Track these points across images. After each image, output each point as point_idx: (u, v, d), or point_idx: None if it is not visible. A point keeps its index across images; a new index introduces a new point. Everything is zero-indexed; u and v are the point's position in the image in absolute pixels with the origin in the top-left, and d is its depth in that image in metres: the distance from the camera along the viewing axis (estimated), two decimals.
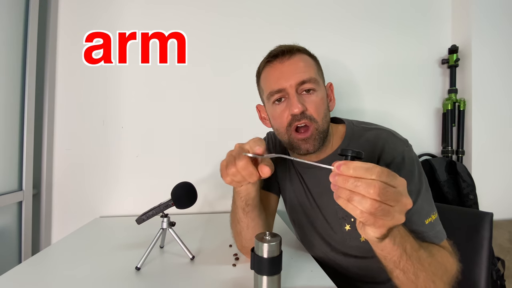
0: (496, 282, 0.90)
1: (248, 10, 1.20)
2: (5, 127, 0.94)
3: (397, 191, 0.34)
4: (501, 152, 1.23)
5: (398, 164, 0.56)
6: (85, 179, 1.13)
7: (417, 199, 0.54)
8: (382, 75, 1.27)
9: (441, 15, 1.30)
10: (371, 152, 0.59)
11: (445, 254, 0.51)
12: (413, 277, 0.45)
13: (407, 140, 0.61)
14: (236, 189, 0.56)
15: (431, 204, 0.56)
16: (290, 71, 0.58)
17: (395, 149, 0.58)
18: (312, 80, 0.58)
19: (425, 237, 0.53)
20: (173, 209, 0.67)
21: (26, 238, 0.99)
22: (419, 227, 0.53)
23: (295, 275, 0.61)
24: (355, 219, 0.58)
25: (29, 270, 0.65)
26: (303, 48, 0.63)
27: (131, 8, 1.15)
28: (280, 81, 0.58)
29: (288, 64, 0.59)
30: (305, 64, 0.59)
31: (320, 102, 0.59)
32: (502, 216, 1.19)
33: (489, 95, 1.22)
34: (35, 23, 1.02)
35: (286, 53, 0.59)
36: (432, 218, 0.54)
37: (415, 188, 0.55)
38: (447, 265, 0.50)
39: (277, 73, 0.59)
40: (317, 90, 0.59)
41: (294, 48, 0.61)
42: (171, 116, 1.17)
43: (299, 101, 0.56)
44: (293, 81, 0.57)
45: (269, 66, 0.62)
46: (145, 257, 0.64)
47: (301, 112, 0.57)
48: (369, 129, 0.64)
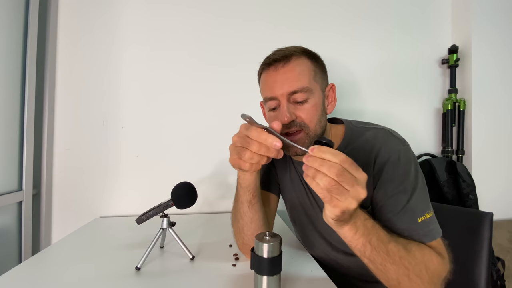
0: (496, 282, 0.90)
1: (248, 10, 1.20)
2: (5, 127, 0.94)
3: (354, 178, 0.40)
4: (501, 152, 1.23)
5: (393, 162, 0.57)
6: (85, 179, 1.13)
7: (411, 197, 0.55)
8: (382, 75, 1.27)
9: (441, 15, 1.30)
10: (369, 152, 0.59)
11: (428, 252, 0.52)
12: (381, 267, 0.49)
13: (405, 139, 0.61)
14: (243, 184, 0.59)
15: (427, 203, 0.57)
16: (283, 80, 0.58)
17: (392, 148, 0.58)
18: (304, 90, 0.58)
19: (414, 235, 0.54)
20: (173, 209, 0.67)
21: (26, 238, 0.99)
22: (410, 224, 0.54)
23: (295, 275, 0.61)
24: None
25: (29, 270, 0.65)
26: (303, 50, 0.62)
27: (131, 8, 1.15)
28: (273, 89, 0.59)
29: (282, 72, 0.59)
30: (300, 71, 0.59)
31: (312, 109, 0.59)
32: (502, 216, 1.19)
33: (489, 95, 1.22)
34: (35, 23, 1.02)
35: (281, 60, 0.59)
36: (426, 217, 0.55)
37: (410, 186, 0.56)
38: (428, 263, 0.50)
39: (271, 80, 0.60)
40: (310, 97, 0.59)
41: (291, 53, 0.60)
42: (171, 116, 1.17)
43: (288, 111, 0.57)
44: (285, 90, 0.58)
45: (265, 73, 0.62)
46: (145, 257, 0.64)
47: (291, 121, 0.58)
48: (368, 129, 0.64)
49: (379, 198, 0.58)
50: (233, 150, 0.52)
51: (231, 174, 1.19)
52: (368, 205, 0.60)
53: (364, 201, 0.58)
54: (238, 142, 0.50)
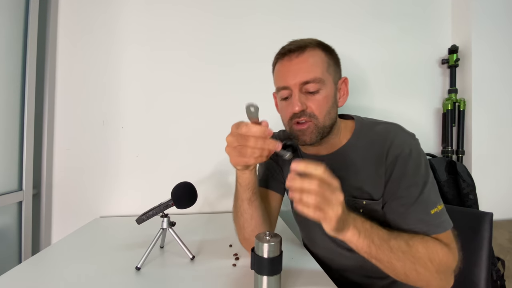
0: (496, 282, 0.90)
1: (249, 10, 1.20)
2: (5, 127, 0.94)
3: (331, 186, 0.43)
4: (501, 152, 1.23)
5: (405, 155, 0.58)
6: (85, 179, 1.13)
7: (423, 189, 0.56)
8: (382, 75, 1.27)
9: (441, 15, 1.30)
10: (382, 144, 0.61)
11: (433, 245, 0.53)
12: (388, 265, 0.50)
13: (414, 134, 0.63)
14: (242, 183, 0.60)
15: (437, 195, 0.58)
16: (296, 70, 0.59)
17: (404, 142, 0.60)
18: (316, 80, 0.59)
19: (427, 226, 0.55)
20: (173, 209, 0.67)
21: (26, 238, 0.99)
22: (424, 216, 0.55)
23: (295, 275, 0.61)
24: (362, 210, 0.62)
25: (29, 270, 0.65)
26: (318, 42, 0.63)
27: (131, 9, 1.15)
28: (286, 78, 0.61)
29: (296, 63, 0.60)
30: (313, 62, 0.60)
31: (323, 101, 0.60)
32: (502, 216, 1.19)
33: (489, 95, 1.22)
34: (35, 23, 1.02)
35: (295, 50, 0.60)
36: (438, 209, 0.56)
37: (422, 179, 0.57)
38: (433, 255, 0.51)
39: (285, 70, 0.61)
40: (322, 88, 0.60)
41: (306, 44, 0.61)
42: (171, 116, 1.17)
43: (299, 100, 0.59)
44: (298, 80, 0.59)
45: (279, 62, 0.64)
46: (145, 257, 0.64)
47: (302, 111, 0.59)
48: (378, 123, 0.66)
49: (392, 190, 0.59)
50: (232, 150, 0.52)
51: (231, 174, 1.18)
52: (379, 196, 0.60)
53: (375, 193, 0.60)
54: (234, 141, 0.51)
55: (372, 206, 0.61)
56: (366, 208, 0.62)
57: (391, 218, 0.59)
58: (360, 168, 0.63)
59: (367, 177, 0.62)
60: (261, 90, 1.18)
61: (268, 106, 1.27)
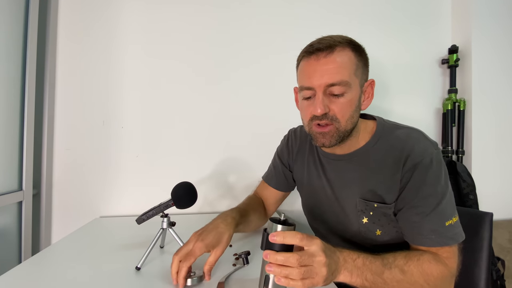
0: (496, 282, 0.90)
1: (250, 9, 1.20)
2: (5, 127, 0.94)
3: (310, 256, 0.43)
4: (501, 152, 1.23)
5: (426, 165, 0.57)
6: (85, 179, 1.13)
7: (441, 200, 0.55)
8: (382, 75, 1.27)
9: (441, 14, 1.30)
10: (401, 150, 0.59)
11: (428, 266, 0.52)
12: None
13: (437, 143, 0.62)
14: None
15: (453, 207, 0.58)
16: (323, 71, 0.57)
17: (425, 150, 0.58)
18: (342, 83, 0.56)
19: (440, 237, 0.55)
20: (173, 209, 0.66)
21: (26, 238, 0.99)
22: (438, 227, 0.55)
23: None
24: (373, 213, 0.62)
25: (29, 270, 0.65)
26: (348, 41, 0.60)
27: (131, 9, 1.15)
28: (311, 79, 0.58)
29: (323, 63, 0.57)
30: (341, 63, 0.57)
31: (347, 104, 0.58)
32: (502, 216, 1.19)
33: (489, 95, 1.22)
34: (35, 23, 1.02)
35: (324, 50, 0.57)
36: (452, 221, 0.56)
37: (441, 190, 0.56)
38: (428, 277, 0.52)
39: (311, 70, 0.58)
40: (347, 92, 0.57)
41: (336, 43, 0.58)
42: (171, 116, 1.17)
43: (322, 103, 0.57)
44: (323, 81, 0.57)
45: (305, 60, 0.61)
46: (145, 257, 0.64)
47: (324, 113, 0.57)
48: (400, 127, 0.65)
49: (408, 199, 0.58)
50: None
51: (231, 174, 1.19)
52: (391, 201, 0.60)
53: (388, 197, 0.60)
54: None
55: (383, 209, 0.61)
56: (376, 211, 0.62)
57: (403, 226, 0.59)
58: (376, 171, 0.62)
59: (381, 181, 0.61)
60: (262, 90, 1.18)
61: (268, 106, 1.27)
